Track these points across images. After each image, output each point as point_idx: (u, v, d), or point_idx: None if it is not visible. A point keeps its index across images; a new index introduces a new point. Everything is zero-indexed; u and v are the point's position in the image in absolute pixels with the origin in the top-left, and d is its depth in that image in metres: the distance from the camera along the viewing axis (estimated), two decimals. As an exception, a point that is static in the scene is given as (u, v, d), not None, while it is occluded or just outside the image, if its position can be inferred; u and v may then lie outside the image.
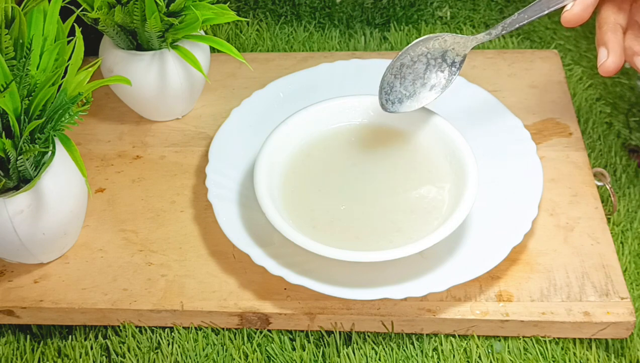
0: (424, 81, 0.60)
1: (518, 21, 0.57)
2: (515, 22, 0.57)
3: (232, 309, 0.57)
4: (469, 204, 0.56)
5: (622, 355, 0.56)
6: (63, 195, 0.57)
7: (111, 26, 0.65)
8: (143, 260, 0.61)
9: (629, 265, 0.61)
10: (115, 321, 0.59)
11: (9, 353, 0.59)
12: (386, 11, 0.85)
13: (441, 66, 0.59)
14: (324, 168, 0.63)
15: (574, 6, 0.54)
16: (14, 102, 0.53)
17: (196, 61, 0.65)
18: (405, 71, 0.59)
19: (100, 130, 0.73)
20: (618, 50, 0.55)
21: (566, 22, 0.54)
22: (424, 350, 0.56)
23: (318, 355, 0.57)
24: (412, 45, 0.58)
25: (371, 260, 0.54)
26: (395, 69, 0.59)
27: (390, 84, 0.59)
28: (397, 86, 0.59)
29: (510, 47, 0.80)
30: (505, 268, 0.58)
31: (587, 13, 0.54)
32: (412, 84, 0.59)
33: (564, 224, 0.61)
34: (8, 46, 0.54)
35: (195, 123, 0.73)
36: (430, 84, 0.60)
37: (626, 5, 0.55)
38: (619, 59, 0.54)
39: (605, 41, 0.55)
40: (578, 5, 0.54)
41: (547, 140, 0.68)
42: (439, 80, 0.60)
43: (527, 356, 0.56)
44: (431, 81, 0.60)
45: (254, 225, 0.60)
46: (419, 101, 0.61)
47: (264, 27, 0.84)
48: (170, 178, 0.68)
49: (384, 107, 0.60)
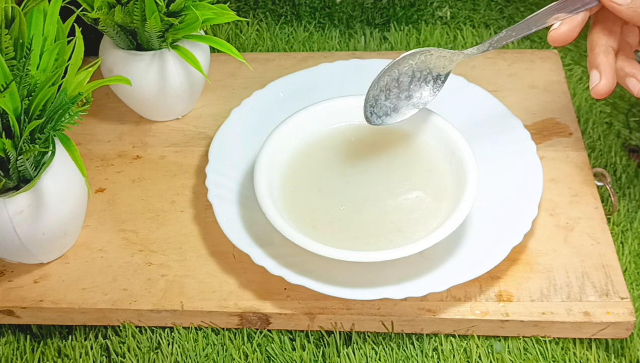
0: (409, 94, 0.60)
1: (505, 38, 0.57)
2: (502, 39, 0.57)
3: (232, 309, 0.57)
4: (469, 204, 0.56)
5: (622, 355, 0.56)
6: (63, 195, 0.57)
7: (111, 26, 0.65)
8: (143, 260, 0.61)
9: (629, 265, 0.61)
10: (115, 321, 0.59)
11: (9, 353, 0.59)
12: (386, 11, 0.85)
13: (426, 79, 0.59)
14: (324, 168, 0.63)
15: (561, 26, 0.54)
16: (14, 102, 0.53)
17: (196, 61, 0.65)
18: (391, 84, 0.59)
19: (100, 130, 0.73)
20: (610, 73, 0.55)
21: (552, 41, 0.54)
22: (424, 350, 0.56)
23: (318, 355, 0.57)
24: (399, 60, 0.58)
25: (371, 260, 0.54)
26: (382, 83, 0.59)
27: (376, 97, 0.59)
28: (382, 100, 0.59)
29: (510, 47, 0.80)
30: (505, 268, 0.58)
31: (574, 33, 0.54)
32: (397, 97, 0.59)
33: (564, 225, 0.61)
34: (8, 46, 0.54)
35: (195, 123, 0.73)
36: (415, 96, 0.60)
37: (617, 27, 0.56)
38: (611, 82, 0.55)
39: (597, 64, 0.55)
40: (565, 25, 0.54)
41: (547, 140, 0.68)
42: (423, 93, 0.60)
43: (527, 356, 0.56)
44: (416, 94, 0.60)
45: (254, 225, 0.60)
46: (404, 113, 0.61)
47: (264, 27, 0.84)
48: (170, 178, 0.68)
49: (369, 120, 0.60)
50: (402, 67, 0.58)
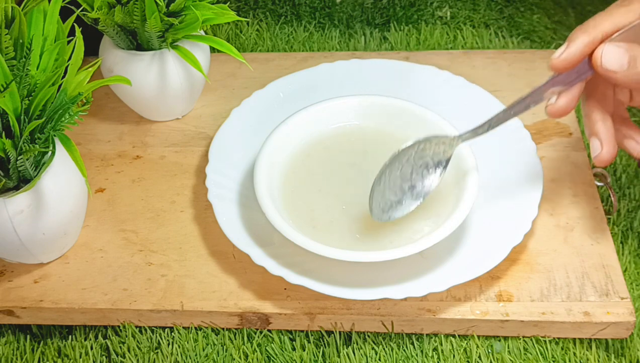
0: (412, 184, 0.58)
1: (505, 119, 0.56)
2: (501, 120, 0.56)
3: (232, 309, 0.57)
4: (469, 204, 0.56)
5: (622, 355, 0.56)
6: (63, 195, 0.57)
7: (111, 26, 0.65)
8: (143, 260, 0.61)
9: (629, 265, 0.61)
10: (115, 321, 0.59)
11: (9, 353, 0.59)
12: (386, 11, 0.85)
13: (428, 166, 0.58)
14: (324, 168, 0.63)
15: (559, 100, 0.54)
16: (14, 102, 0.53)
17: (196, 61, 0.65)
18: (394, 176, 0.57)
19: (100, 130, 0.73)
20: (611, 140, 0.55)
21: (551, 115, 0.54)
22: (424, 350, 0.56)
23: (318, 355, 0.57)
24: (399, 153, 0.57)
25: (371, 260, 0.54)
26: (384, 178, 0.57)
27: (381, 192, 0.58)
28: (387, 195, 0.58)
29: (510, 47, 0.80)
30: (505, 268, 0.58)
31: (572, 105, 0.54)
32: (401, 189, 0.58)
33: (564, 225, 0.61)
34: (8, 46, 0.54)
35: (195, 123, 0.73)
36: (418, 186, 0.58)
37: (610, 90, 0.56)
38: (613, 150, 0.54)
39: (597, 131, 0.55)
40: (563, 98, 0.53)
41: (547, 140, 0.68)
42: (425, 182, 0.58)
43: (527, 356, 0.56)
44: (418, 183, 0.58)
45: (254, 225, 0.60)
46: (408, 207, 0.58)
47: (264, 27, 0.84)
48: (170, 178, 0.68)
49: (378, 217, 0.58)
50: (403, 158, 0.57)
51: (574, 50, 0.51)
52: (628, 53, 0.50)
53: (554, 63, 0.52)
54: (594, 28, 0.51)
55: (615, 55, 0.50)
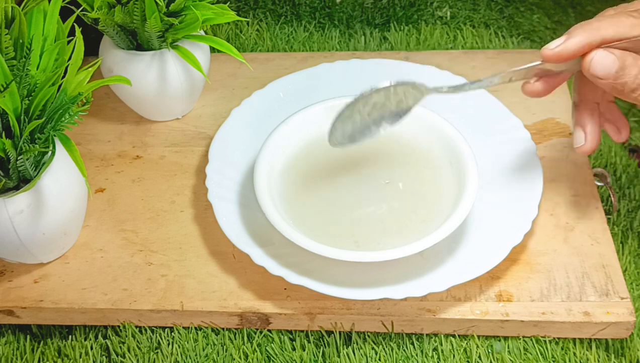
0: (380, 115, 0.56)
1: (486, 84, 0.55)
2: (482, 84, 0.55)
3: (232, 309, 0.57)
4: (469, 205, 0.56)
5: (622, 355, 0.56)
6: (63, 195, 0.57)
7: (111, 26, 0.65)
8: (143, 260, 0.61)
9: (629, 265, 0.61)
10: (115, 321, 0.59)
11: (9, 353, 0.59)
12: (386, 11, 0.85)
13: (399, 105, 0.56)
14: (324, 168, 0.63)
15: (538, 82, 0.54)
16: (14, 102, 0.53)
17: (196, 61, 0.65)
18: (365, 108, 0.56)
19: (100, 130, 0.73)
20: (596, 135, 0.56)
21: (525, 93, 0.55)
22: (424, 350, 0.56)
23: (318, 355, 0.57)
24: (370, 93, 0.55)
25: (371, 260, 0.54)
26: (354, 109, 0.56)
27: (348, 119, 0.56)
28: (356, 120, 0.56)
29: (510, 47, 0.80)
30: (505, 268, 0.58)
31: (549, 91, 0.55)
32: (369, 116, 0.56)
33: (564, 225, 0.61)
34: (8, 46, 0.54)
35: (195, 123, 0.73)
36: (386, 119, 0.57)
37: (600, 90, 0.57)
38: (596, 144, 0.56)
39: (584, 124, 0.56)
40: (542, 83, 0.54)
41: (547, 140, 0.68)
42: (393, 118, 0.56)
43: (527, 356, 0.56)
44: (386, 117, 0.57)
45: (254, 225, 0.60)
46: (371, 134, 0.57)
47: (264, 27, 0.84)
48: (170, 178, 0.68)
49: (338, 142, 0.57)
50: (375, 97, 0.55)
51: (570, 47, 0.51)
52: (618, 62, 0.50)
53: (546, 53, 0.52)
54: (596, 31, 0.51)
55: (604, 62, 0.51)
